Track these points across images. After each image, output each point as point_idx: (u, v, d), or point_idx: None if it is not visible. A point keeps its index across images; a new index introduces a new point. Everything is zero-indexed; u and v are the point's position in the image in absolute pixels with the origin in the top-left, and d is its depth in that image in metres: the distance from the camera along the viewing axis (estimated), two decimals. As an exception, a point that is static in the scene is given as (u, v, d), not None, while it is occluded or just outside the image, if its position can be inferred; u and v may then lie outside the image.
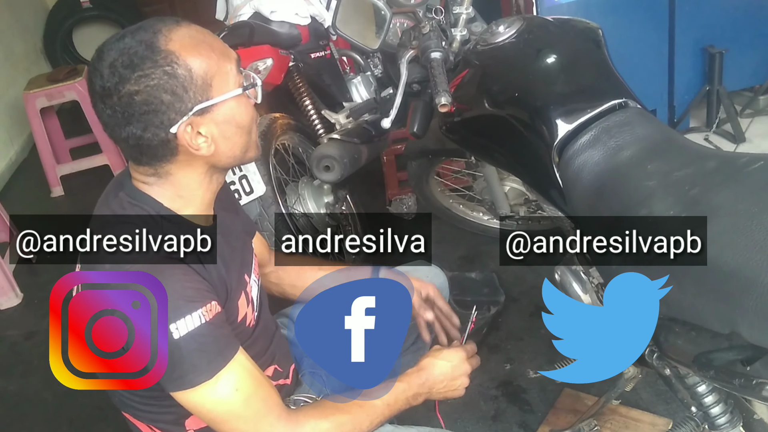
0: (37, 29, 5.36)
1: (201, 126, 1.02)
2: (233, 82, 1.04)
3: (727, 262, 0.86)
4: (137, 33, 0.98)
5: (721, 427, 1.19)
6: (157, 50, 0.97)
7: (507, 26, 1.46)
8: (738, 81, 3.14)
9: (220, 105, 1.03)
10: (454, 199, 2.60)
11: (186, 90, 0.99)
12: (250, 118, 1.08)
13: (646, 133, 1.24)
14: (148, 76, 0.97)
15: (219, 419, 1.04)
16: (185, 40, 0.99)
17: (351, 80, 2.44)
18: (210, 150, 1.05)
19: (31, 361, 2.57)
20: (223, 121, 1.04)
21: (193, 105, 1.00)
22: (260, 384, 1.07)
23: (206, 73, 1.00)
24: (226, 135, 1.05)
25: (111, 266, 1.00)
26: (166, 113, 0.99)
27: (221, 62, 1.02)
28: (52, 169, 3.91)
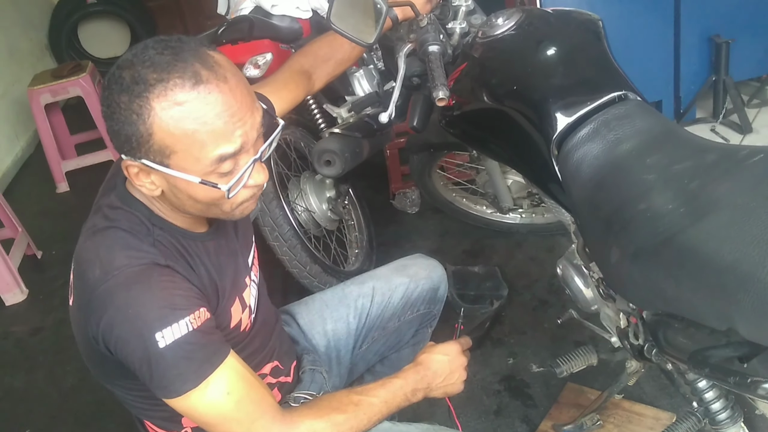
0: (42, 25, 5.37)
1: (151, 174, 0.98)
2: (198, 169, 0.96)
3: (725, 257, 0.85)
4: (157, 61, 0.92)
5: (722, 423, 1.18)
6: (141, 94, 0.91)
7: (506, 18, 1.45)
8: (745, 71, 3.11)
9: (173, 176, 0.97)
10: (457, 192, 2.59)
11: (139, 144, 0.94)
12: (210, 200, 1.01)
13: (646, 126, 1.22)
14: (119, 106, 0.92)
15: (212, 423, 1.03)
16: (175, 107, 0.91)
17: (353, 74, 2.42)
18: (153, 194, 1.01)
19: (37, 357, 2.59)
20: (175, 186, 0.99)
21: (143, 157, 0.95)
22: (252, 386, 1.05)
23: (167, 145, 0.94)
24: (176, 195, 1.01)
25: (101, 272, 0.99)
26: (122, 142, 0.96)
27: (195, 146, 0.94)
28: (57, 165, 3.93)
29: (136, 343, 0.96)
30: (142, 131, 0.92)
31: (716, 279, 0.86)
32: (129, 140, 0.94)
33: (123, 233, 1.03)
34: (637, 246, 1.04)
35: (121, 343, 0.97)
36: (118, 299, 0.97)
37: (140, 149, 0.95)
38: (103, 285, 0.98)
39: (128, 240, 1.03)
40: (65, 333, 2.66)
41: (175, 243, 1.08)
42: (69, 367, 2.45)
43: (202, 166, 0.96)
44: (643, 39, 2.89)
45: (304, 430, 1.07)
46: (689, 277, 0.91)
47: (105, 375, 1.13)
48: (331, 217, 2.44)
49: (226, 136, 0.95)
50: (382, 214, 2.88)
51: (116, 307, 0.97)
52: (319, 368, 1.45)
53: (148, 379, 0.99)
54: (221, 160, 0.96)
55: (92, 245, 1.04)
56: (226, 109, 0.94)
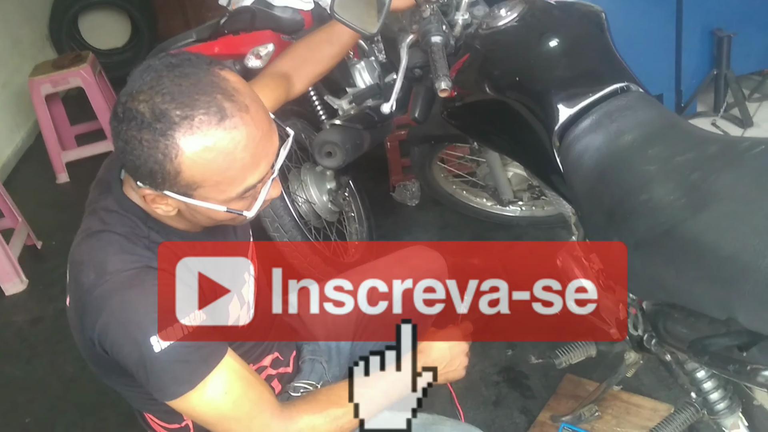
0: (43, 16, 5.35)
1: (169, 199, 0.98)
2: (222, 199, 0.97)
3: (725, 247, 0.86)
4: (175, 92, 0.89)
5: (720, 413, 1.19)
6: (166, 134, 0.89)
7: (509, 9, 1.45)
8: (746, 65, 3.11)
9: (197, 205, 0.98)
10: (458, 185, 2.59)
11: (164, 180, 0.93)
12: (229, 219, 1.03)
13: (648, 118, 1.22)
14: (140, 143, 0.90)
15: (211, 422, 1.04)
16: (203, 146, 0.90)
17: (354, 65, 2.42)
18: (169, 214, 1.01)
19: (37, 346, 2.59)
20: (195, 210, 0.99)
21: (165, 190, 0.95)
22: (250, 384, 1.05)
23: (195, 182, 0.93)
24: (193, 215, 1.02)
25: (95, 276, 0.99)
26: (141, 174, 0.94)
27: (227, 181, 0.94)
28: (57, 156, 3.92)
29: (131, 348, 0.96)
30: (169, 170, 0.91)
31: (717, 269, 0.86)
32: (153, 175, 0.92)
33: (117, 237, 1.02)
34: (639, 237, 1.05)
35: (117, 348, 0.98)
36: (112, 304, 0.97)
37: (164, 184, 0.94)
38: (97, 289, 0.98)
39: (122, 244, 1.02)
40: (65, 323, 2.61)
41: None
42: (69, 357, 2.45)
43: (227, 196, 0.97)
44: (645, 33, 2.89)
45: (303, 426, 1.08)
46: (690, 267, 0.92)
47: (104, 372, 1.13)
48: (332, 209, 2.44)
49: (253, 168, 0.96)
50: (382, 206, 2.88)
51: (110, 312, 0.97)
52: (319, 358, 1.45)
53: (145, 382, 0.99)
54: (247, 191, 0.97)
55: (86, 248, 1.03)
56: (252, 141, 0.93)
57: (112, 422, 2.13)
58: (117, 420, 2.12)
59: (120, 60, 5.49)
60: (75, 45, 5.36)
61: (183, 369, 0.98)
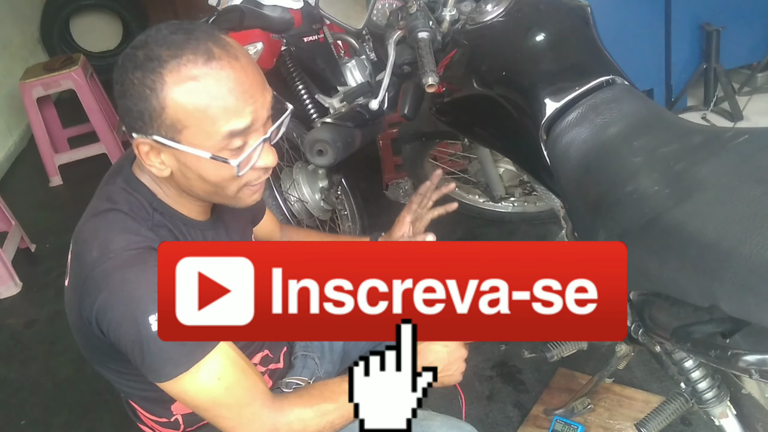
0: (34, 18, 5.34)
1: (162, 152, 0.99)
2: (210, 145, 0.97)
3: (707, 235, 0.86)
4: (170, 40, 0.93)
5: (709, 402, 1.20)
6: (155, 70, 0.93)
7: (495, 5, 1.46)
8: (735, 59, 3.13)
9: (184, 152, 0.98)
10: (450, 182, 2.60)
11: (152, 119, 0.95)
12: (220, 180, 1.02)
13: (633, 110, 1.23)
14: (132, 83, 0.94)
15: (202, 407, 1.04)
16: (188, 81, 0.93)
17: (345, 64, 2.42)
18: (162, 174, 1.02)
19: (31, 348, 2.59)
20: (185, 164, 1.00)
21: (154, 133, 0.96)
22: (244, 372, 1.06)
23: (180, 120, 0.95)
24: (185, 174, 1.02)
25: (98, 254, 1.00)
26: (134, 120, 0.97)
27: (207, 121, 0.95)
28: (50, 159, 3.92)
29: (129, 326, 0.97)
30: (155, 105, 0.94)
31: (700, 256, 0.87)
32: (142, 116, 0.95)
33: (123, 216, 1.03)
34: (624, 227, 1.06)
35: (114, 325, 0.98)
36: (113, 281, 0.98)
37: (152, 125, 0.95)
38: (99, 266, 0.98)
39: (127, 223, 1.03)
40: (60, 325, 2.67)
41: (174, 229, 1.08)
42: (64, 359, 2.46)
43: (213, 142, 0.97)
44: (634, 28, 2.90)
45: (293, 418, 1.08)
46: (673, 255, 0.93)
47: (96, 357, 1.14)
48: (324, 207, 2.45)
49: (237, 112, 0.96)
50: (375, 204, 2.88)
51: (111, 289, 0.97)
52: (312, 354, 1.45)
53: (140, 362, 0.99)
54: (232, 136, 0.97)
55: (92, 226, 1.05)
56: (238, 86, 0.95)
57: (107, 423, 2.13)
58: (111, 420, 2.12)
59: (112, 62, 5.36)
60: (66, 47, 5.36)
61: (179, 351, 0.98)
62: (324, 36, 2.48)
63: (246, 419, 1.06)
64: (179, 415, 1.20)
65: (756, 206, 0.84)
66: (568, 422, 1.71)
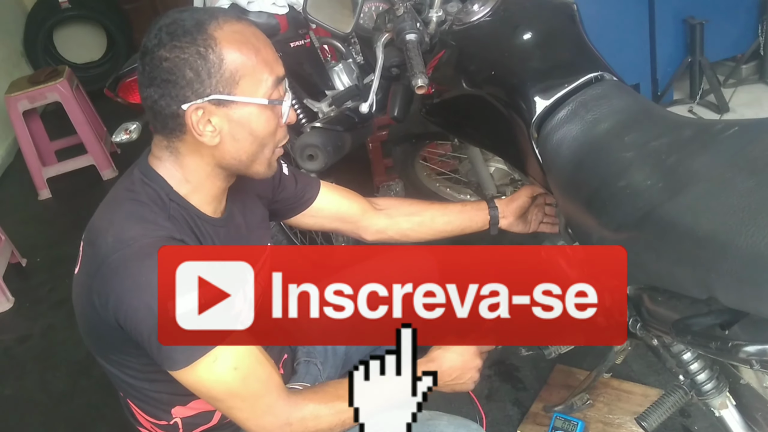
0: (17, 32, 5.31)
1: (213, 116, 1.02)
2: (263, 92, 1.04)
3: (702, 227, 0.87)
4: (197, 11, 1.01)
5: (708, 393, 1.20)
6: (202, 30, 0.98)
7: (482, 5, 1.46)
8: (720, 51, 3.15)
9: (240, 105, 1.03)
10: (441, 182, 2.60)
11: (210, 75, 0.99)
12: (267, 132, 1.07)
13: (623, 105, 1.24)
14: (182, 48, 0.98)
15: (218, 397, 1.04)
16: (233, 35, 1.00)
17: (333, 68, 2.42)
18: (213, 141, 1.04)
19: (26, 364, 2.57)
20: (237, 121, 1.04)
21: (211, 92, 1.00)
22: (260, 363, 1.06)
23: (237, 69, 1.00)
24: (235, 136, 1.05)
25: (113, 241, 1.00)
26: (184, 88, 1.00)
27: (259, 68, 1.02)
28: (38, 172, 3.90)
29: (145, 313, 0.97)
30: (213, 60, 0.99)
31: (695, 249, 0.87)
32: (199, 76, 0.99)
33: (140, 205, 1.05)
34: (618, 222, 1.06)
35: (132, 312, 0.97)
36: (131, 268, 0.98)
37: (210, 82, 1.00)
38: (116, 254, 0.99)
39: (144, 212, 1.04)
40: (54, 339, 2.65)
41: (189, 221, 1.08)
42: (59, 373, 2.44)
43: (264, 90, 1.04)
44: (619, 24, 2.92)
45: (307, 414, 1.09)
46: (669, 249, 0.93)
47: (101, 347, 1.13)
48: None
49: (276, 61, 1.06)
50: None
51: (129, 276, 0.98)
52: (314, 360, 1.45)
53: (156, 350, 0.99)
54: (277, 83, 1.05)
55: (108, 214, 1.05)
56: (266, 40, 1.05)
57: (105, 436, 2.12)
58: (109, 433, 2.11)
59: (97, 73, 5.46)
60: (51, 60, 5.33)
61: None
62: (310, 40, 2.47)
63: (260, 411, 1.06)
64: (179, 419, 1.19)
65: (750, 198, 0.85)
66: (568, 418, 1.72)
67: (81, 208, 1.10)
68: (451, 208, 1.54)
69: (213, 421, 1.21)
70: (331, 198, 1.48)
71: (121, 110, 2.27)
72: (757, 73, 3.25)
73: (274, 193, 1.36)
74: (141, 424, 1.23)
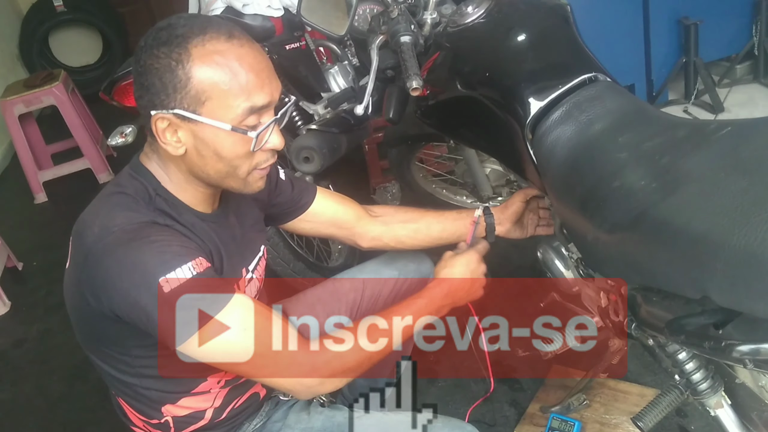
0: (13, 36, 5.31)
1: (179, 128, 1.02)
2: (230, 117, 1.00)
3: (696, 227, 0.87)
4: (195, 22, 0.99)
5: (704, 393, 1.20)
6: (182, 43, 0.97)
7: (475, 7, 1.46)
8: (714, 51, 3.16)
9: (204, 125, 1.01)
10: (437, 184, 2.60)
11: (176, 90, 0.98)
12: (233, 156, 1.04)
13: (617, 106, 1.24)
14: (157, 57, 0.98)
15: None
16: (212, 54, 0.97)
17: (328, 70, 2.42)
18: (177, 152, 1.04)
19: (22, 368, 2.57)
20: (202, 139, 1.02)
21: (176, 106, 0.99)
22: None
23: (205, 90, 0.98)
24: (200, 152, 1.04)
25: (99, 230, 1.00)
26: (153, 96, 1.00)
27: (232, 93, 0.98)
28: (34, 176, 3.89)
29: (138, 293, 0.97)
30: (180, 76, 0.97)
31: (689, 249, 0.87)
32: (165, 88, 0.98)
33: (126, 198, 1.06)
34: (613, 222, 1.06)
35: (123, 295, 0.97)
36: (117, 253, 0.98)
37: (176, 97, 0.99)
38: (101, 241, 0.99)
39: (129, 203, 1.05)
40: (50, 343, 2.64)
41: (175, 214, 1.09)
42: (55, 377, 2.43)
43: (233, 115, 1.00)
44: (613, 24, 2.93)
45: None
46: (663, 248, 0.93)
47: (93, 341, 1.13)
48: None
49: (257, 88, 1.00)
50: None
51: (116, 261, 0.98)
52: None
53: (154, 328, 0.98)
54: (250, 112, 1.01)
55: (95, 208, 1.07)
56: (256, 64, 1.00)
57: (101, 440, 2.11)
58: (106, 437, 2.11)
59: (92, 77, 5.46)
60: (46, 63, 5.33)
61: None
62: (306, 43, 2.48)
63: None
64: (170, 417, 1.19)
65: (743, 198, 0.85)
66: (565, 419, 1.72)
67: (77, 212, 1.10)
68: (447, 216, 1.53)
69: (205, 419, 1.21)
70: (327, 204, 1.47)
71: (116, 113, 2.28)
72: (751, 73, 3.26)
73: (271, 197, 1.36)
74: (134, 423, 1.23)
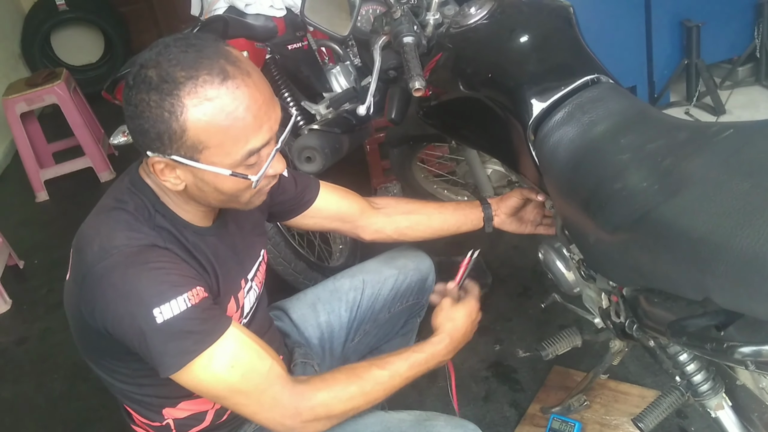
0: (15, 34, 5.31)
1: (177, 169, 1.00)
2: (229, 163, 0.99)
3: (698, 229, 0.87)
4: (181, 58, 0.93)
5: (705, 394, 1.21)
6: (172, 92, 0.92)
7: (478, 8, 1.46)
8: (716, 53, 3.16)
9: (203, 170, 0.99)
10: (438, 184, 2.60)
11: (171, 141, 0.96)
12: (235, 191, 1.04)
13: (619, 108, 1.24)
14: (149, 105, 0.94)
15: (220, 395, 1.04)
16: (206, 103, 0.93)
17: (330, 70, 2.43)
18: (177, 188, 1.03)
19: (23, 366, 2.57)
20: (202, 179, 1.01)
21: (173, 153, 0.97)
22: (259, 357, 1.06)
23: (201, 141, 0.95)
24: (201, 188, 1.03)
25: (99, 249, 1.00)
26: (150, 141, 0.97)
27: (229, 141, 0.96)
28: (35, 174, 3.90)
29: (132, 320, 0.97)
30: (175, 128, 0.94)
31: (691, 250, 0.88)
32: (160, 137, 0.95)
33: (127, 215, 1.05)
34: (615, 224, 1.06)
35: (118, 320, 0.98)
36: (115, 277, 0.98)
37: (171, 146, 0.96)
38: (101, 263, 0.99)
39: (130, 222, 1.04)
40: (51, 341, 2.65)
41: (175, 232, 1.09)
42: (56, 375, 2.44)
43: (232, 160, 0.99)
44: (615, 26, 2.93)
45: (317, 402, 1.08)
46: (665, 250, 0.94)
47: (92, 352, 1.14)
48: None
49: (255, 130, 0.98)
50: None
51: (113, 285, 0.98)
52: (311, 361, 1.45)
53: (147, 355, 0.99)
54: (250, 154, 0.99)
55: (95, 223, 1.06)
56: (254, 104, 0.97)
57: (102, 438, 2.12)
58: (107, 436, 2.11)
59: (94, 75, 5.47)
60: (48, 62, 5.33)
61: (187, 339, 0.98)
62: (308, 43, 2.48)
63: (267, 404, 1.06)
64: (171, 420, 1.19)
65: (745, 199, 0.85)
66: (565, 420, 1.72)
67: (78, 211, 1.11)
68: (447, 207, 1.56)
69: (206, 422, 1.22)
70: (331, 198, 1.48)
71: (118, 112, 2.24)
72: (753, 75, 3.26)
73: (274, 196, 1.36)
74: (136, 423, 1.24)
